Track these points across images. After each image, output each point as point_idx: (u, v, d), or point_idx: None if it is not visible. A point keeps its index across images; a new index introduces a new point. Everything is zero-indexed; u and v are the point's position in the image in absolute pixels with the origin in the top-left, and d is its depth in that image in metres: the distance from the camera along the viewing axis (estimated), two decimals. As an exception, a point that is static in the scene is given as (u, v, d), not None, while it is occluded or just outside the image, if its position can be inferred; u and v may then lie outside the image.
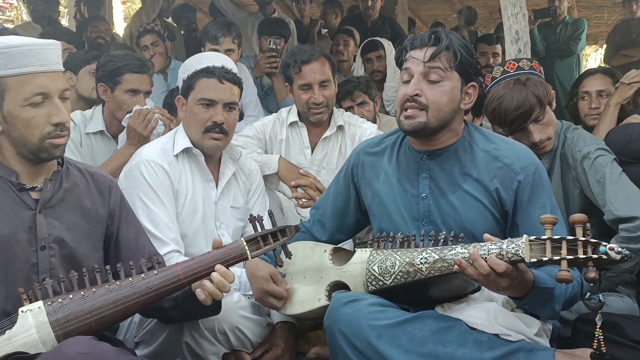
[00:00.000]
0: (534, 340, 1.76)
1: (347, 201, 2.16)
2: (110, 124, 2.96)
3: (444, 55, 1.84)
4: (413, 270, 1.75)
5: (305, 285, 2.02)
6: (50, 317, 1.54)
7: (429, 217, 1.91)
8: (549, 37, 5.60)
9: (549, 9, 5.60)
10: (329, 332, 1.78)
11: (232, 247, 1.74)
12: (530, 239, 1.56)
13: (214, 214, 2.36)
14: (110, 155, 2.85)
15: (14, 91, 1.62)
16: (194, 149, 2.33)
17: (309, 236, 2.22)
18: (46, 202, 1.71)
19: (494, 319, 1.74)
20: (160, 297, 1.67)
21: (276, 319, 2.30)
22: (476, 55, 1.90)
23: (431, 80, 1.85)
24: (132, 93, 2.87)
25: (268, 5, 5.61)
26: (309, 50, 2.86)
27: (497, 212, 1.88)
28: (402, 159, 2.00)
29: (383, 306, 1.76)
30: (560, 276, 1.50)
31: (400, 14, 6.56)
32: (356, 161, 2.12)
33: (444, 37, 1.85)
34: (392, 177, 2.00)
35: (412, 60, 1.88)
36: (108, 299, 1.60)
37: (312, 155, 2.95)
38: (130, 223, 1.92)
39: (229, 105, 2.31)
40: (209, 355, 2.09)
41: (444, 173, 1.92)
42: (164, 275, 1.67)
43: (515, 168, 1.86)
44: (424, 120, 1.85)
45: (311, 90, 2.82)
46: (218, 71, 2.30)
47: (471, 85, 1.91)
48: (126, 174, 2.29)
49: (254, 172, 2.55)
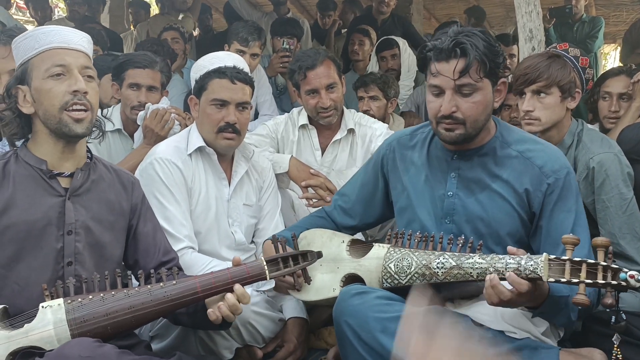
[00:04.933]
0: (539, 339, 1.76)
1: (374, 191, 2.16)
2: (127, 123, 3.00)
3: (473, 68, 1.79)
4: (429, 273, 1.75)
5: (321, 274, 2.03)
6: (68, 316, 1.58)
7: (452, 216, 1.91)
8: (566, 35, 5.54)
9: (564, 7, 5.55)
10: (337, 322, 1.80)
11: (252, 266, 1.76)
12: (550, 257, 1.55)
13: (226, 211, 2.39)
14: (127, 154, 2.90)
15: (38, 68, 1.72)
16: (207, 147, 2.36)
17: (329, 222, 2.23)
18: (75, 189, 1.78)
19: (501, 316, 1.75)
20: (176, 307, 1.70)
21: (288, 315, 2.33)
22: (498, 48, 1.84)
23: (464, 93, 1.82)
24: (134, 88, 2.91)
25: (282, 6, 5.64)
26: (312, 55, 2.84)
27: (525, 213, 1.87)
28: (433, 156, 2.00)
29: (391, 299, 1.77)
30: (577, 300, 1.48)
31: (415, 12, 6.54)
32: (387, 152, 2.12)
33: (469, 48, 1.77)
34: (421, 172, 2.00)
35: (441, 76, 1.82)
36: (125, 304, 1.63)
37: (322, 157, 2.96)
38: (149, 219, 1.97)
39: (242, 105, 2.34)
40: (221, 350, 2.12)
41: (474, 173, 1.91)
42: (182, 286, 1.69)
43: (546, 171, 1.84)
44: (462, 132, 1.85)
45: (318, 95, 2.81)
46: (230, 71, 2.31)
47: (501, 82, 1.89)
48: (141, 172, 2.32)
49: (266, 170, 2.57)
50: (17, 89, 1.74)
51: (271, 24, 4.67)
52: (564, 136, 2.37)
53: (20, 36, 1.77)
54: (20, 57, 1.76)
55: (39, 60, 1.73)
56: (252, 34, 3.70)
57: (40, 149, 1.77)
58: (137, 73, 2.92)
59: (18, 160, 1.76)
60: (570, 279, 1.50)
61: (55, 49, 1.73)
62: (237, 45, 3.69)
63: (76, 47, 1.76)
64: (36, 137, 1.78)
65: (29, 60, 1.74)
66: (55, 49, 1.73)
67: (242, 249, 2.42)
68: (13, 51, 1.79)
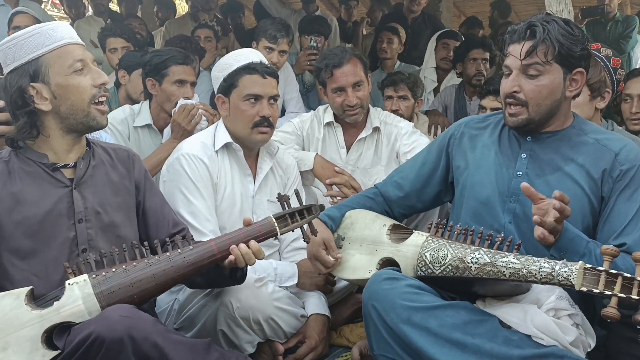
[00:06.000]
0: (567, 349, 1.72)
1: (435, 169, 2.17)
2: (157, 118, 3.05)
3: (540, 49, 1.81)
4: (462, 266, 1.75)
5: (360, 254, 2.06)
6: (96, 289, 1.62)
7: (517, 196, 1.91)
8: (598, 35, 5.44)
9: (597, 7, 5.45)
10: (364, 304, 1.82)
11: (262, 224, 1.85)
12: (585, 266, 1.53)
13: (251, 207, 2.42)
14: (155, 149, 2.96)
15: (57, 64, 1.73)
16: (234, 143, 2.38)
17: (379, 201, 2.25)
18: (79, 178, 1.82)
19: (530, 320, 1.72)
20: (196, 271, 1.77)
21: (310, 312, 2.34)
22: (580, 38, 1.84)
23: (530, 74, 1.84)
24: (179, 84, 2.94)
25: (311, 4, 5.65)
26: (339, 53, 2.85)
27: (595, 199, 1.86)
28: (504, 136, 2.02)
29: (421, 289, 1.78)
30: (606, 312, 1.45)
31: (445, 10, 6.50)
32: (455, 132, 2.13)
33: (540, 30, 1.81)
34: (490, 150, 2.01)
35: (511, 56, 1.87)
36: (148, 272, 1.69)
37: (347, 155, 2.97)
38: (155, 192, 2.02)
39: (273, 98, 2.37)
40: (243, 344, 2.15)
41: (546, 154, 1.92)
42: (199, 250, 1.76)
43: (621, 158, 1.85)
44: (525, 116, 1.87)
45: (345, 93, 2.82)
46: (259, 67, 2.35)
47: (577, 71, 1.87)
48: (168, 167, 2.36)
49: (290, 167, 2.59)
50: (31, 87, 1.72)
51: (299, 22, 4.68)
52: None
53: (21, 34, 1.73)
54: (24, 54, 1.72)
55: (56, 57, 1.73)
56: (280, 30, 3.71)
57: (42, 145, 1.79)
58: (180, 69, 2.95)
59: (19, 157, 1.79)
60: (603, 290, 1.47)
61: (69, 45, 1.75)
62: (266, 43, 3.71)
63: (79, 41, 1.81)
64: (44, 133, 1.78)
65: (41, 57, 1.72)
66: (69, 45, 1.75)
67: (266, 245, 2.44)
68: (11, 50, 1.72)
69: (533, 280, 1.63)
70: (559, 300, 1.79)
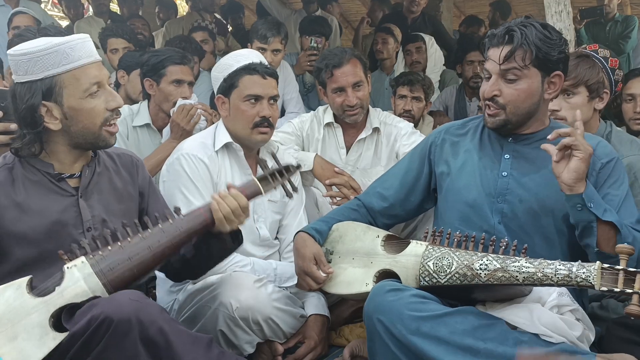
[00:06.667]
0: (575, 344, 1.73)
1: (418, 177, 2.18)
2: (156, 118, 3.05)
3: (518, 54, 1.85)
4: (471, 274, 1.73)
5: (353, 267, 2.03)
6: (95, 268, 1.62)
7: (504, 196, 1.93)
8: (598, 35, 5.44)
9: (595, 8, 5.45)
10: (368, 317, 1.78)
11: (247, 185, 1.90)
12: (603, 266, 1.54)
13: (251, 207, 2.41)
14: (155, 148, 2.96)
15: (72, 86, 1.70)
16: (234, 143, 2.39)
17: (363, 212, 2.24)
18: (85, 187, 1.81)
19: (537, 319, 1.72)
20: (190, 237, 1.77)
21: (310, 312, 2.34)
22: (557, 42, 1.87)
23: (508, 79, 1.87)
24: (177, 84, 2.95)
25: (312, 4, 5.65)
26: (339, 54, 2.86)
27: None
28: (485, 139, 2.04)
29: (425, 298, 1.75)
30: (630, 310, 1.47)
31: (445, 10, 6.50)
32: (436, 139, 2.14)
33: (518, 34, 1.84)
34: (474, 153, 2.03)
35: (490, 60, 1.91)
36: (143, 245, 1.69)
37: (346, 156, 2.97)
38: (158, 199, 2.02)
39: (273, 99, 2.38)
40: (243, 344, 2.14)
41: (529, 154, 1.95)
42: (189, 218, 1.78)
43: (599, 153, 1.90)
44: (503, 117, 1.91)
45: (344, 93, 2.83)
46: (260, 67, 2.36)
47: (555, 74, 1.90)
48: (167, 167, 2.36)
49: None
50: (42, 106, 1.68)
51: (300, 23, 4.68)
52: None
53: (37, 49, 1.65)
54: (39, 70, 1.66)
55: (72, 79, 1.69)
56: (270, 30, 3.72)
57: (49, 156, 1.77)
58: (178, 69, 2.96)
59: (24, 165, 1.77)
60: (623, 289, 1.48)
61: (86, 66, 1.71)
62: (257, 43, 3.73)
63: (97, 57, 1.76)
64: (49, 147, 1.77)
65: (56, 76, 1.67)
66: (86, 66, 1.71)
67: (266, 245, 2.45)
68: (24, 63, 1.66)
69: (549, 283, 1.62)
70: (561, 297, 1.80)
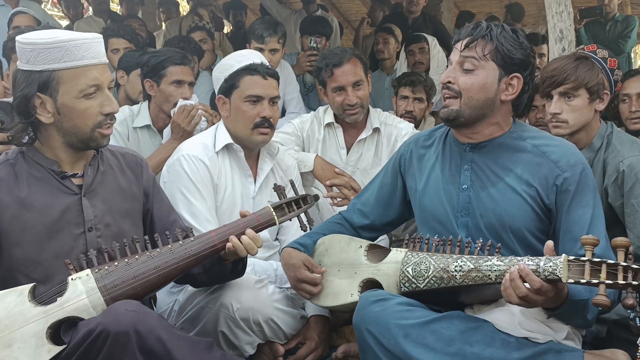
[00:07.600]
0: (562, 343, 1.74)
1: (393, 191, 2.17)
2: (157, 119, 3.05)
3: (479, 44, 1.85)
4: (447, 276, 1.75)
5: (339, 279, 2.05)
6: (99, 283, 1.63)
7: (467, 209, 1.92)
8: (597, 35, 5.45)
9: (595, 8, 5.45)
10: (358, 329, 1.81)
11: (261, 213, 1.90)
12: (569, 258, 1.54)
13: (252, 208, 2.41)
14: (155, 150, 2.96)
15: (69, 84, 1.69)
16: (235, 144, 2.39)
17: (346, 226, 2.24)
18: (88, 186, 1.81)
19: (518, 324, 1.73)
20: (198, 262, 1.79)
21: (310, 312, 2.35)
22: (523, 44, 1.87)
23: (465, 68, 1.87)
24: (177, 84, 2.95)
25: (312, 4, 5.64)
26: (339, 53, 2.86)
27: (539, 208, 1.86)
28: (447, 151, 2.02)
29: (411, 306, 1.77)
30: (597, 301, 1.47)
31: (445, 10, 6.50)
32: (404, 152, 2.14)
33: (483, 27, 1.86)
34: (437, 167, 2.01)
35: (454, 49, 1.91)
36: (150, 265, 1.70)
37: (347, 156, 2.97)
38: (162, 200, 2.02)
39: (273, 100, 2.38)
40: (243, 345, 2.15)
41: (487, 166, 1.92)
42: (200, 241, 1.79)
43: (562, 165, 1.84)
44: (456, 108, 1.88)
45: (345, 92, 2.83)
46: (261, 68, 2.36)
47: (514, 76, 1.88)
48: (168, 168, 2.36)
49: (291, 168, 2.60)
50: (37, 97, 1.68)
51: (300, 23, 4.68)
52: (593, 139, 2.35)
53: (41, 42, 1.66)
54: (39, 62, 1.66)
55: (70, 76, 1.68)
56: (266, 29, 3.72)
57: (50, 152, 1.77)
58: (178, 70, 2.96)
59: (27, 161, 1.76)
60: (590, 279, 1.49)
61: (87, 67, 1.69)
62: (255, 44, 3.73)
63: (104, 60, 1.75)
64: (47, 141, 1.76)
65: (55, 71, 1.67)
66: (87, 67, 1.69)
67: (266, 246, 2.45)
68: (27, 52, 1.67)
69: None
70: None
